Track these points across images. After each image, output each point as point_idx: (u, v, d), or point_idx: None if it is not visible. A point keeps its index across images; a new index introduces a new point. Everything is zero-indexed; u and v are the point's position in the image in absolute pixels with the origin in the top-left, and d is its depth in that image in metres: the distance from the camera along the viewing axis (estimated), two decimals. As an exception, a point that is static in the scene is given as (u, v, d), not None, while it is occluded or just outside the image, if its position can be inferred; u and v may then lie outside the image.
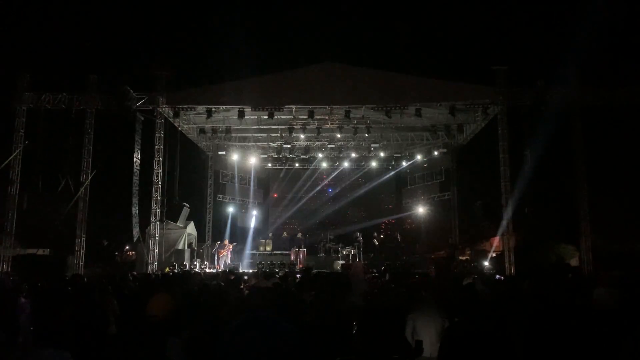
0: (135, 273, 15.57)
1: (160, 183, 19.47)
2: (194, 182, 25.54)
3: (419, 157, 25.20)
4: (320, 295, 5.27)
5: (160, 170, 19.49)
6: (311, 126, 20.88)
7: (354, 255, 22.30)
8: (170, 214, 21.18)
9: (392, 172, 27.33)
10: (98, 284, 8.34)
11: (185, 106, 19.34)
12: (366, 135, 21.74)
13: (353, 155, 24.87)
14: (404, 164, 25.99)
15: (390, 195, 29.06)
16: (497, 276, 15.68)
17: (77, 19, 34.19)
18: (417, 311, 5.07)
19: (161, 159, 19.51)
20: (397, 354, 3.00)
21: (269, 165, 27.19)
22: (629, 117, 18.58)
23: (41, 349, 2.48)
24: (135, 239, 22.00)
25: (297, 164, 26.16)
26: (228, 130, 21.87)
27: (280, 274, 12.87)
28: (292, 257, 22.42)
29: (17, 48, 28.71)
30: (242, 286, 9.14)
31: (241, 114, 19.17)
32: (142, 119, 20.81)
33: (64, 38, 31.95)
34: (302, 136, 22.23)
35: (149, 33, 38.24)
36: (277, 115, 19.46)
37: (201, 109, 19.50)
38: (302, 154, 24.04)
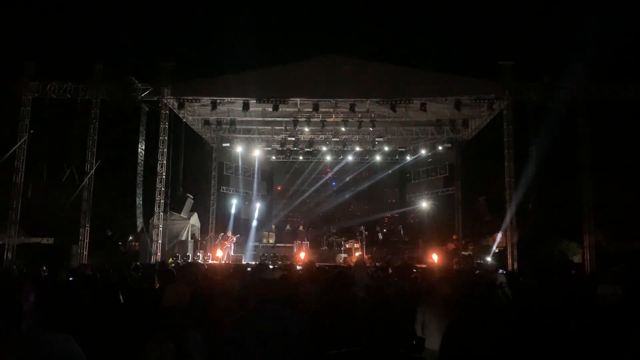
0: (138, 263, 15.63)
1: (164, 174, 19.49)
2: (198, 174, 25.55)
3: (423, 151, 25.15)
4: (324, 288, 5.29)
5: (165, 161, 19.51)
6: (316, 119, 20.86)
7: (356, 249, 22.30)
8: (174, 205, 21.22)
9: (396, 167, 27.32)
10: (101, 273, 8.36)
11: (190, 97, 19.34)
12: (371, 129, 21.71)
13: (357, 149, 24.84)
14: (408, 158, 25.98)
15: (393, 189, 29.04)
16: (500, 270, 15.69)
17: (83, 8, 34.15)
18: (426, 305, 5.07)
19: (165, 150, 19.52)
20: (403, 347, 3.00)
21: (273, 157, 27.20)
22: (634, 113, 18.50)
23: (44, 334, 2.49)
24: (138, 229, 22.06)
25: (301, 157, 26.18)
26: (232, 122, 21.87)
27: (281, 266, 12.87)
28: (295, 250, 22.45)
29: (23, 37, 28.73)
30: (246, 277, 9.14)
31: (246, 106, 19.16)
32: (147, 109, 20.82)
33: (70, 27, 31.93)
34: (306, 129, 22.20)
35: (155, 24, 38.20)
36: (282, 108, 19.44)
37: (206, 100, 19.50)
38: (306, 147, 24.03)
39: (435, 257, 20.59)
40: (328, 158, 26.06)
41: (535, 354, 4.25)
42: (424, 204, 26.26)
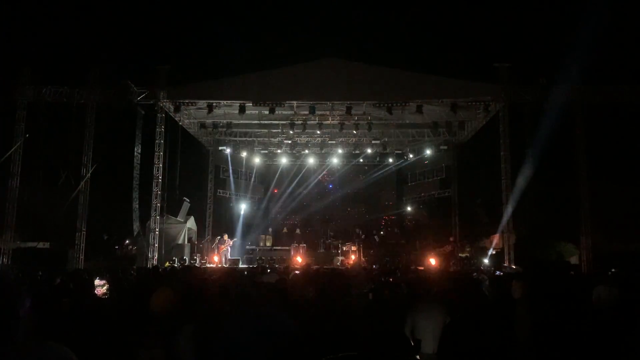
0: (135, 267, 15.60)
1: (160, 177, 19.46)
2: (195, 177, 25.52)
3: (419, 154, 25.17)
4: (321, 292, 5.28)
5: (161, 165, 19.49)
6: (312, 122, 20.86)
7: (353, 252, 22.28)
8: (171, 208, 21.17)
9: (393, 169, 27.33)
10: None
11: (186, 101, 19.33)
12: (367, 131, 21.72)
13: (354, 151, 24.83)
14: (405, 160, 25.99)
15: (390, 191, 29.06)
16: (497, 272, 15.70)
17: (78, 12, 34.11)
18: (417, 308, 5.06)
19: (162, 153, 19.50)
20: (399, 351, 3.00)
21: (270, 160, 27.20)
22: (631, 115, 18.54)
23: (41, 342, 2.45)
24: (135, 233, 21.99)
25: (297, 160, 26.18)
26: (229, 126, 21.87)
27: (278, 269, 12.86)
28: (292, 253, 22.39)
29: (19, 41, 28.65)
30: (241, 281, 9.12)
31: (242, 109, 19.13)
32: (143, 113, 20.75)
33: (65, 31, 31.86)
34: (303, 132, 22.19)
35: (151, 27, 38.13)
36: (278, 111, 19.44)
37: (202, 103, 19.47)
38: (303, 150, 24.03)
39: (432, 260, 20.60)
40: (324, 160, 26.05)
41: (532, 354, 4.25)
42: (421, 206, 26.27)
